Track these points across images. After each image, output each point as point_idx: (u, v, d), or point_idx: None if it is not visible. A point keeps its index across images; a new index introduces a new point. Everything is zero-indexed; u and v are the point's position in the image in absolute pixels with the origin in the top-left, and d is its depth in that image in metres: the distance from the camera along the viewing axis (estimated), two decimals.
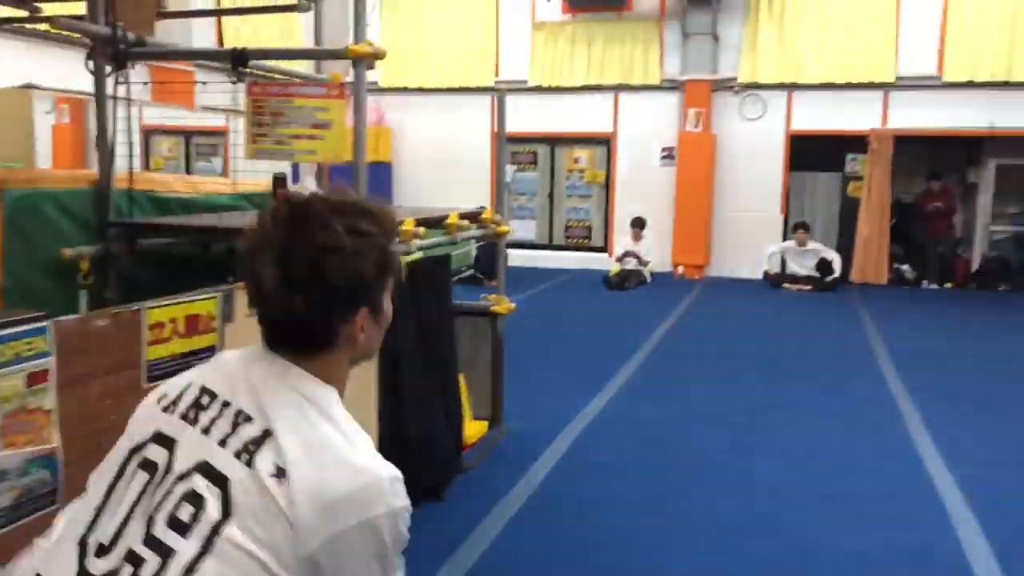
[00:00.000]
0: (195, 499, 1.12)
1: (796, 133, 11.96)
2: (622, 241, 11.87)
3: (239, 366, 1.25)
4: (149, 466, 1.19)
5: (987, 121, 10.99)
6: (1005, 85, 11.05)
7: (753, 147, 12.08)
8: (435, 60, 13.35)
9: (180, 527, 1.11)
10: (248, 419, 1.17)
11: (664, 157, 12.56)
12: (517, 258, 12.45)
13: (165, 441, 1.20)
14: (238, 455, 1.14)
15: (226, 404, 1.20)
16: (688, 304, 9.70)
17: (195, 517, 1.11)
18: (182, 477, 1.15)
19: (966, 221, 12.00)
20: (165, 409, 1.24)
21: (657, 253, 11.82)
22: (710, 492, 4.02)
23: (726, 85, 12.12)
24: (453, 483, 3.96)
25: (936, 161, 11.93)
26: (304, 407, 1.18)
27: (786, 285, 11.07)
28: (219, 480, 1.13)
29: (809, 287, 10.91)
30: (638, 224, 11.68)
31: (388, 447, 3.46)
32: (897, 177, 11.65)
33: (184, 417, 1.22)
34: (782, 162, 12.08)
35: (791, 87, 11.89)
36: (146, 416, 1.27)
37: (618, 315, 9.21)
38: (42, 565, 1.19)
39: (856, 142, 11.67)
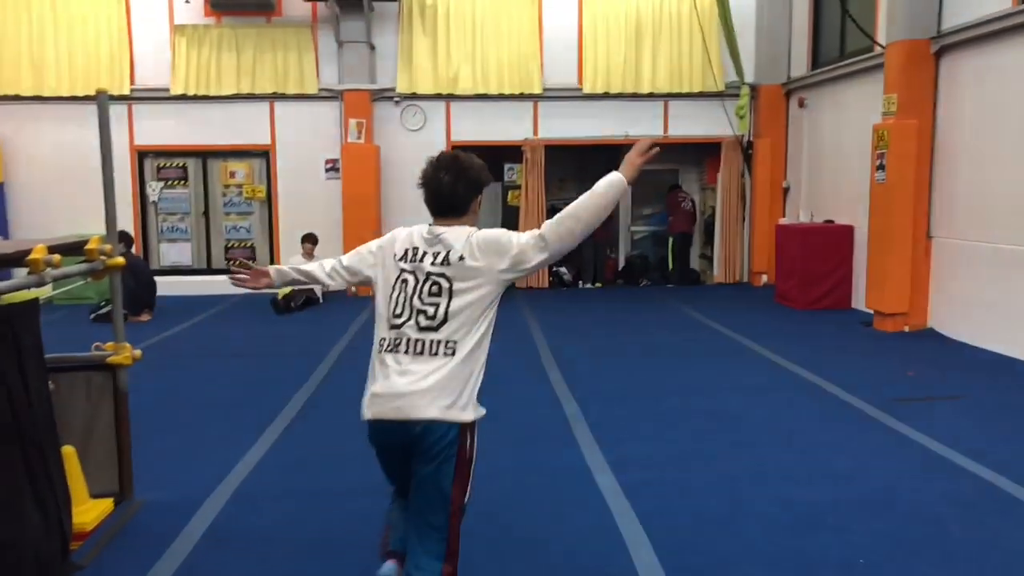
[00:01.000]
0: (436, 284, 2.62)
1: (457, 144, 12.10)
2: (292, 260, 11.12)
3: (427, 230, 2.72)
4: (406, 282, 2.67)
5: (622, 130, 12.00)
6: (634, 96, 12.16)
7: (417, 158, 11.58)
8: (54, 65, 11.58)
9: (434, 295, 2.62)
10: (440, 250, 2.66)
11: (329, 170, 12.07)
12: (171, 286, 11.20)
13: (408, 272, 2.68)
14: (442, 264, 2.64)
15: (425, 252, 2.68)
16: (360, 324, 9.29)
17: (439, 289, 2.62)
18: (420, 282, 2.64)
19: (612, 223, 13.04)
20: (399, 259, 2.71)
21: None
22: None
23: (385, 95, 11.94)
24: None
25: (584, 168, 12.79)
26: (465, 232, 2.69)
27: None
28: (441, 275, 2.63)
29: None
30: (310, 240, 11.09)
31: None
32: (550, 184, 12.31)
33: (410, 261, 2.69)
34: None
35: (448, 98, 12.03)
36: (392, 264, 2.73)
37: (285, 344, 8.48)
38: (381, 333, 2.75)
39: (512, 152, 12.12)
